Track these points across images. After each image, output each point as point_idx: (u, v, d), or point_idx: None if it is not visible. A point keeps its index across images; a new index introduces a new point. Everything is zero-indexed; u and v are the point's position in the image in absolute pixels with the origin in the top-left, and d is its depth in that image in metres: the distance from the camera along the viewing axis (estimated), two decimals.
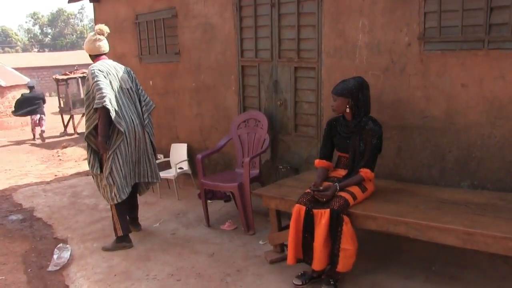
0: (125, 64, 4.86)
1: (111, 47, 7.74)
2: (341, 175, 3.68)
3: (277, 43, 4.95)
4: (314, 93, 4.72)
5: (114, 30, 7.39)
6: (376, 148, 3.57)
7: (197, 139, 6.18)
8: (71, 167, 8.74)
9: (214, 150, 5.21)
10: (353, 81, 3.60)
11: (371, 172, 3.55)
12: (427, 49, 3.87)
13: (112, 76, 4.29)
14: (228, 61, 5.57)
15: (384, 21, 4.07)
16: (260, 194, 4.01)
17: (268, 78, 5.14)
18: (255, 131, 5.16)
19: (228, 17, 5.44)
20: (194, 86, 6.10)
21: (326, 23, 4.47)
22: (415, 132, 4.02)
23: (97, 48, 4.42)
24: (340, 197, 3.37)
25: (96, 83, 4.15)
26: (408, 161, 4.10)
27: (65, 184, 7.24)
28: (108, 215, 5.23)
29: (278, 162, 5.20)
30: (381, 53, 4.13)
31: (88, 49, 4.44)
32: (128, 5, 6.93)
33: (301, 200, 3.45)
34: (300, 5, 4.68)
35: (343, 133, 3.69)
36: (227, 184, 4.68)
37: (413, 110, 4.00)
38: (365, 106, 3.62)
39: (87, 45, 4.43)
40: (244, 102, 5.52)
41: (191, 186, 6.24)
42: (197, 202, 5.42)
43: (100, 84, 4.13)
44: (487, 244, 2.85)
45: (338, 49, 4.42)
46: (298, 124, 4.96)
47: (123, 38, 7.09)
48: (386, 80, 4.13)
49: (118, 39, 7.17)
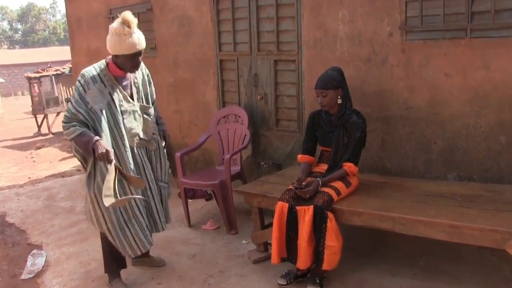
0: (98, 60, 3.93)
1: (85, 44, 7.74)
2: (324, 170, 3.65)
3: (256, 36, 4.91)
4: (295, 86, 4.70)
5: (88, 26, 7.31)
6: (360, 142, 3.55)
7: (176, 136, 6.11)
8: (46, 169, 8.58)
9: (194, 148, 5.17)
10: (334, 72, 3.58)
11: (355, 166, 3.53)
12: (409, 39, 3.86)
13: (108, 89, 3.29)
14: (206, 55, 5.52)
15: (365, 11, 4.05)
16: (242, 192, 3.99)
17: (248, 72, 5.10)
18: (235, 127, 5.13)
19: (205, 10, 5.39)
20: (172, 81, 6.04)
21: (306, 14, 4.44)
22: (399, 123, 4.00)
23: (114, 45, 3.20)
24: (323, 193, 3.35)
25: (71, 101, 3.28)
26: (392, 153, 4.09)
27: (40, 186, 7.07)
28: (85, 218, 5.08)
29: (260, 158, 5.18)
30: (362, 44, 4.11)
31: (110, 47, 3.24)
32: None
33: (284, 197, 3.43)
34: None
35: (326, 127, 3.66)
36: (208, 182, 4.64)
37: (396, 101, 3.99)
38: (349, 96, 3.63)
39: (109, 42, 3.23)
40: (223, 97, 5.48)
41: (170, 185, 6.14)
42: (177, 201, 5.34)
43: (68, 108, 3.26)
44: (474, 237, 2.84)
45: (318, 41, 4.39)
46: (280, 118, 4.93)
47: (97, 34, 6.99)
48: (368, 71, 4.11)
49: (92, 35, 7.07)
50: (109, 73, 3.31)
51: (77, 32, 7.66)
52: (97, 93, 3.22)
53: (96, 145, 3.10)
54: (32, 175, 8.16)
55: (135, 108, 3.42)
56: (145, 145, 3.52)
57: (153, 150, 3.59)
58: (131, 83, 3.44)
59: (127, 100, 3.38)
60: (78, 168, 7.77)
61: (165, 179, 3.71)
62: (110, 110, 3.28)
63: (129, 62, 3.27)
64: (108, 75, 3.30)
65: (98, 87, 3.24)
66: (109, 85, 3.29)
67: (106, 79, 3.29)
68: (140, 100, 3.49)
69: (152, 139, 3.57)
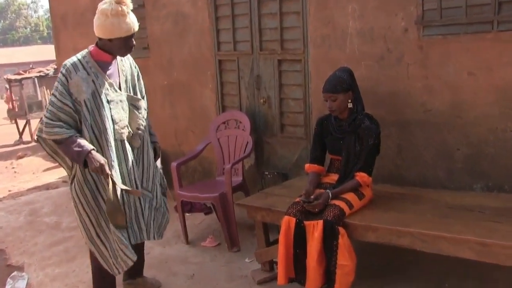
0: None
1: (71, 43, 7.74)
2: (334, 181, 3.63)
3: (258, 34, 4.91)
4: (301, 89, 4.68)
5: (74, 23, 7.32)
6: (374, 149, 3.53)
7: (172, 144, 6.11)
8: (28, 181, 8.58)
9: (191, 157, 5.15)
10: (343, 73, 3.57)
11: (368, 176, 3.51)
12: (426, 35, 3.83)
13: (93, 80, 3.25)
14: (203, 55, 5.51)
15: (377, 4, 4.03)
16: (244, 205, 3.98)
17: (249, 73, 5.10)
18: (236, 134, 5.12)
19: (202, 5, 5.38)
20: (166, 84, 6.04)
21: (312, 9, 4.43)
22: (417, 128, 3.98)
23: (110, 28, 3.16)
24: (334, 206, 3.32)
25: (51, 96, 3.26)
26: (410, 161, 4.06)
27: (21, 200, 7.04)
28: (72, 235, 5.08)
29: (264, 167, 5.16)
30: (374, 41, 4.09)
31: (98, 29, 3.22)
32: None
33: (291, 211, 3.41)
34: None
35: (335, 134, 3.64)
36: (207, 195, 4.63)
37: (413, 104, 3.96)
38: (361, 99, 3.61)
39: (102, 26, 3.20)
40: (223, 101, 5.47)
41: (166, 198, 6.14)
42: (174, 216, 5.29)
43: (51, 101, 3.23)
44: (507, 256, 2.78)
45: (326, 38, 4.38)
46: (285, 123, 4.92)
47: (84, 32, 6.96)
48: (381, 71, 4.09)
49: (79, 33, 7.07)
50: (91, 59, 3.28)
51: (62, 29, 7.67)
52: (81, 82, 3.19)
53: (90, 158, 3.09)
54: (12, 187, 8.16)
55: (122, 98, 3.38)
56: (128, 139, 3.43)
57: (137, 148, 3.50)
58: (118, 71, 3.41)
59: (114, 89, 3.34)
60: (65, 179, 7.76)
61: (147, 186, 3.55)
62: (95, 100, 3.23)
63: (126, 45, 3.28)
64: (91, 62, 3.27)
65: (81, 76, 3.20)
66: (93, 72, 3.25)
67: (89, 66, 3.26)
68: (128, 90, 3.45)
69: (137, 134, 3.47)
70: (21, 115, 13.51)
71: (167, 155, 6.14)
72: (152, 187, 3.58)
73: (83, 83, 3.19)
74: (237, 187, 4.77)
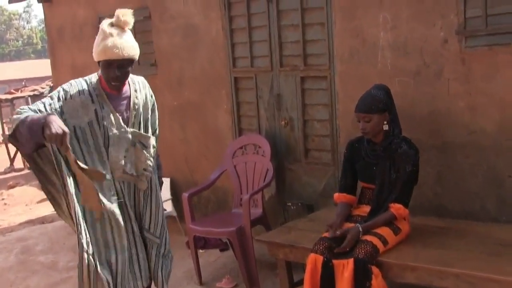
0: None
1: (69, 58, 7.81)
2: (366, 213, 3.63)
3: (278, 48, 4.94)
4: (327, 109, 4.69)
5: (72, 36, 7.44)
6: (411, 177, 3.52)
7: (182, 172, 6.14)
8: (20, 213, 8.66)
9: (205, 186, 5.17)
10: (379, 91, 3.58)
11: (405, 208, 3.50)
12: (470, 46, 3.82)
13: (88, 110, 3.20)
14: (217, 72, 5.55)
15: (412, 13, 4.04)
16: (264, 241, 4.00)
17: (268, 92, 5.12)
18: (255, 160, 5.12)
19: (215, 16, 5.43)
20: (176, 104, 6.08)
21: (338, 19, 4.44)
22: (460, 152, 3.95)
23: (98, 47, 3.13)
24: (366, 243, 3.31)
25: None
26: (453, 190, 4.03)
27: (12, 236, 7.07)
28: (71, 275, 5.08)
29: (286, 197, 5.15)
30: (409, 54, 4.10)
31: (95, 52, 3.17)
32: (88, 5, 6.94)
33: (317, 247, 3.41)
34: None
35: (368, 159, 3.65)
36: (223, 229, 4.64)
37: (455, 125, 3.95)
38: (398, 120, 3.63)
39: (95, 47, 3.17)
40: (239, 123, 5.49)
41: (176, 232, 6.11)
42: (186, 252, 5.32)
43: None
44: None
45: (354, 52, 4.39)
46: (309, 148, 4.92)
47: (83, 47, 7.07)
48: (418, 88, 4.09)
49: (77, 48, 7.18)
50: (100, 88, 3.24)
51: (59, 44, 7.78)
52: (79, 107, 3.15)
53: (48, 123, 2.81)
54: (2, 221, 8.23)
55: (127, 135, 3.30)
56: (133, 181, 3.38)
57: (143, 191, 3.41)
58: (130, 104, 3.32)
59: (119, 125, 3.27)
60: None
61: (155, 232, 3.46)
62: (92, 131, 3.19)
63: (108, 72, 3.12)
64: (99, 90, 3.23)
65: (82, 100, 3.16)
66: (98, 101, 3.21)
67: (96, 94, 3.22)
68: (136, 126, 3.36)
69: (143, 175, 3.40)
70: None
71: (177, 184, 6.18)
72: (161, 232, 3.51)
73: (82, 109, 3.16)
74: (256, 220, 4.76)
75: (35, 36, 56.12)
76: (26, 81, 16.94)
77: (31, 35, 55.91)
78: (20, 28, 57.84)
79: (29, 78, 21.57)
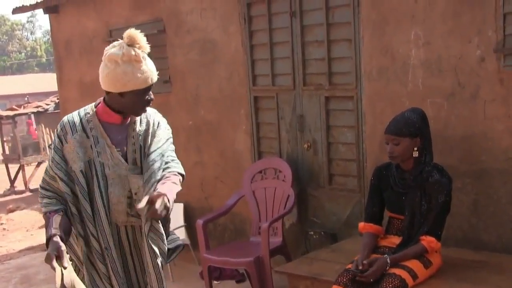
0: (95, 96, 3.46)
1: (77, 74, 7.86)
2: (394, 244, 3.61)
3: (301, 65, 4.97)
4: (353, 131, 4.70)
5: (80, 51, 7.50)
6: (444, 208, 3.50)
7: (197, 196, 6.16)
8: (21, 240, 8.65)
9: (221, 212, 5.19)
10: (414, 115, 3.56)
11: (437, 241, 3.47)
12: (509, 65, 3.82)
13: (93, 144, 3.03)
14: (235, 91, 5.59)
15: (446, 29, 4.05)
16: (284, 272, 4.00)
17: (291, 112, 5.14)
18: (275, 185, 5.13)
19: (234, 31, 5.48)
20: (192, 124, 6.12)
21: (366, 36, 4.47)
22: (497, 179, 3.93)
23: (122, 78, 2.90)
24: (393, 276, 3.29)
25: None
26: (489, 221, 4.00)
27: (11, 265, 7.08)
28: None
29: (308, 226, 5.15)
30: (443, 73, 4.10)
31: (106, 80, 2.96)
32: (98, 18, 7.03)
33: (341, 280, 3.40)
34: (330, 13, 4.69)
35: (397, 188, 3.63)
36: (240, 259, 4.65)
37: (492, 149, 3.94)
38: (431, 148, 3.60)
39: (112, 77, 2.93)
40: (259, 145, 5.51)
41: (190, 261, 6.13)
42: (199, 283, 5.32)
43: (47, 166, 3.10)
44: None
45: (383, 71, 4.41)
46: (333, 173, 4.93)
47: (92, 62, 7.08)
48: (451, 110, 4.09)
49: (86, 63, 7.26)
50: (96, 118, 3.05)
51: (66, 58, 7.87)
52: (77, 148, 3.00)
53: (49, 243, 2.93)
54: (0, 248, 8.19)
55: (125, 173, 3.07)
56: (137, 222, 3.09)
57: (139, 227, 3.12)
58: (131, 137, 3.10)
59: (116, 161, 3.06)
60: None
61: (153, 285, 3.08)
62: (87, 172, 3.03)
63: (141, 100, 2.98)
64: (95, 121, 3.04)
65: (77, 139, 3.01)
66: (93, 135, 3.03)
67: (90, 127, 3.03)
68: (138, 161, 3.11)
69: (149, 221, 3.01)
70: (14, 159, 13.22)
71: (191, 209, 6.18)
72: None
73: (79, 149, 3.02)
74: (275, 249, 4.75)
75: (40, 48, 55.36)
76: (29, 97, 16.91)
77: (35, 47, 55.31)
78: (23, 39, 57.20)
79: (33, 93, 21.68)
